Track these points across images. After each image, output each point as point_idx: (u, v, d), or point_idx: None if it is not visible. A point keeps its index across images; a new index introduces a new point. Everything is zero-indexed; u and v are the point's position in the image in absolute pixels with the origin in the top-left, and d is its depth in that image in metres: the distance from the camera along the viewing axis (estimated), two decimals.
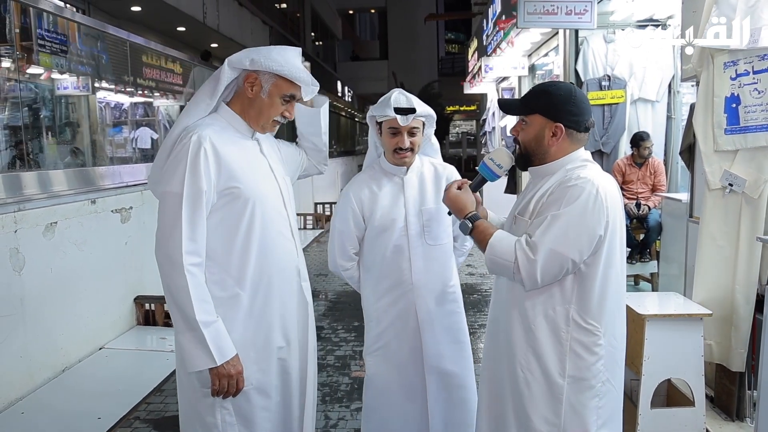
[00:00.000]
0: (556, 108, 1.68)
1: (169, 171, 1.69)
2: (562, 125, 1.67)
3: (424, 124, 2.22)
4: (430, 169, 2.30)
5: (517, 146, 1.78)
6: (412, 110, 2.12)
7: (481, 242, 1.71)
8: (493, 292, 1.91)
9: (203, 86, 1.82)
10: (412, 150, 2.18)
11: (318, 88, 1.89)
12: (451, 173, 2.31)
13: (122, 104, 6.79)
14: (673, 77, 5.68)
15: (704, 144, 2.93)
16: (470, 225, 1.74)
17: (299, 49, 1.83)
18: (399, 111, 2.11)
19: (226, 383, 1.68)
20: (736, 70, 2.75)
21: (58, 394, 3.43)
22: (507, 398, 1.73)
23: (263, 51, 1.77)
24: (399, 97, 2.15)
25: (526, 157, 1.75)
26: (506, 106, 1.88)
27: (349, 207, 2.25)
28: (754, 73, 2.67)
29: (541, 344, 1.67)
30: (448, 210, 1.83)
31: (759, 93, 2.64)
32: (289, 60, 1.76)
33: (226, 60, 1.77)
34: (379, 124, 2.20)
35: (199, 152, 1.66)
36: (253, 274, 1.75)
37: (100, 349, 4.09)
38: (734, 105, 2.77)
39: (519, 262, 1.59)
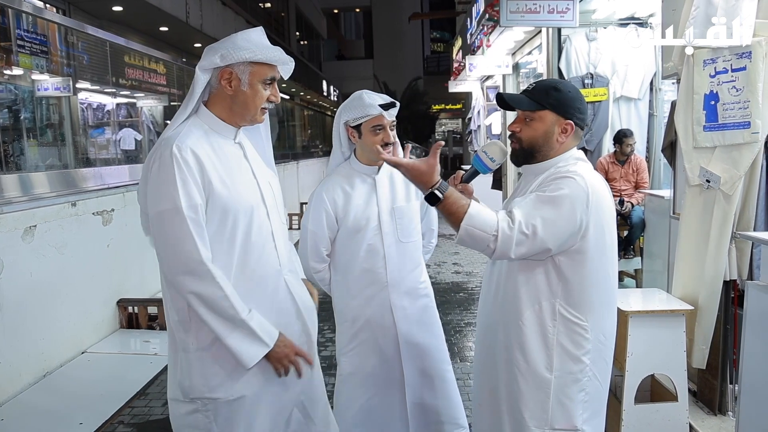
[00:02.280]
0: (567, 105, 1.68)
1: (160, 189, 1.60)
2: (572, 122, 1.69)
3: None
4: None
5: (515, 142, 1.76)
6: (394, 104, 2.20)
7: (455, 213, 1.58)
8: (482, 290, 1.91)
9: (185, 100, 1.77)
10: (394, 144, 2.23)
11: (293, 63, 1.81)
12: None
13: (105, 105, 6.73)
14: (655, 75, 5.73)
15: (684, 141, 2.96)
16: (440, 195, 1.61)
17: (261, 29, 1.76)
18: (383, 107, 2.17)
19: (286, 362, 1.70)
20: (715, 68, 2.77)
21: (39, 400, 3.37)
22: (501, 393, 1.75)
23: (227, 43, 1.69)
24: (372, 95, 2.20)
25: (528, 153, 1.73)
26: (513, 102, 1.75)
27: (322, 208, 2.25)
28: (732, 71, 2.69)
29: (529, 340, 1.68)
30: (424, 195, 1.65)
31: (737, 91, 2.67)
32: (257, 43, 1.69)
33: (197, 67, 1.70)
34: (355, 127, 2.23)
35: (182, 164, 1.59)
36: (233, 288, 1.69)
37: (82, 353, 4.03)
38: (713, 102, 2.79)
39: (500, 233, 1.54)
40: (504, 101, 1.77)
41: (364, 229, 2.24)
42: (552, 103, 1.68)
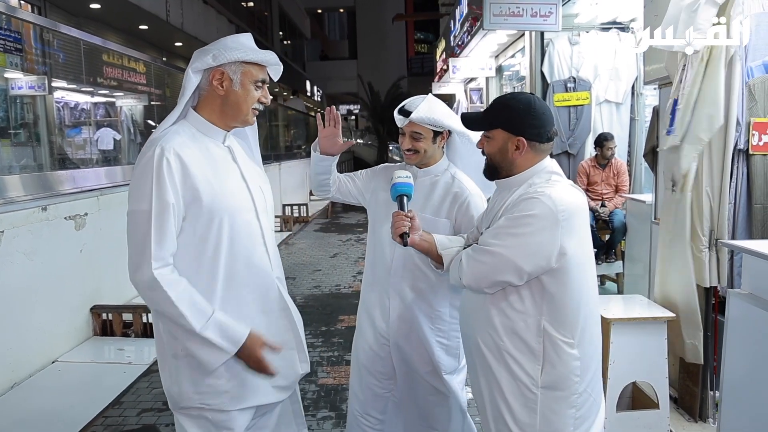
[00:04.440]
0: (516, 121, 1.67)
1: (136, 188, 1.60)
2: (524, 139, 1.66)
3: (437, 133, 2.17)
4: (448, 180, 2.22)
5: (485, 158, 1.78)
6: (405, 113, 2.16)
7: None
8: (460, 308, 1.89)
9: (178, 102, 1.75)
10: (416, 152, 2.18)
11: (282, 67, 1.83)
12: (461, 192, 2.17)
13: (80, 104, 6.60)
14: (636, 79, 5.76)
15: (660, 145, 3.00)
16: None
17: (250, 34, 1.78)
18: (398, 112, 2.18)
19: (255, 365, 1.68)
20: (685, 74, 2.80)
21: (8, 412, 3.27)
22: (489, 403, 1.73)
23: (219, 45, 1.70)
24: (413, 101, 2.18)
25: (493, 168, 1.75)
26: (469, 122, 1.82)
27: (378, 171, 2.38)
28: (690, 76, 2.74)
29: (512, 356, 1.65)
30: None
31: (683, 96, 2.73)
32: (247, 45, 1.72)
33: (189, 68, 1.69)
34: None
35: (162, 164, 1.57)
36: (222, 293, 1.68)
37: (53, 362, 3.92)
38: (676, 107, 2.83)
39: (463, 255, 1.67)
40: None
41: (386, 216, 2.14)
42: (501, 121, 1.69)
